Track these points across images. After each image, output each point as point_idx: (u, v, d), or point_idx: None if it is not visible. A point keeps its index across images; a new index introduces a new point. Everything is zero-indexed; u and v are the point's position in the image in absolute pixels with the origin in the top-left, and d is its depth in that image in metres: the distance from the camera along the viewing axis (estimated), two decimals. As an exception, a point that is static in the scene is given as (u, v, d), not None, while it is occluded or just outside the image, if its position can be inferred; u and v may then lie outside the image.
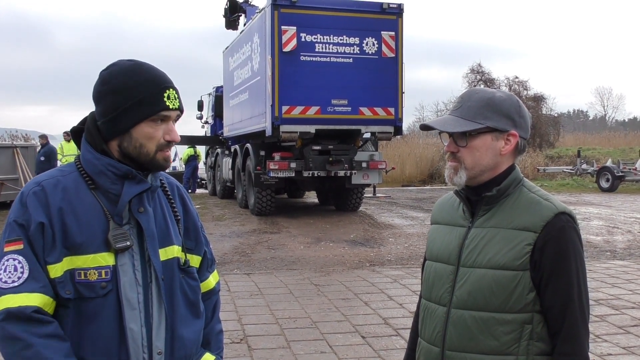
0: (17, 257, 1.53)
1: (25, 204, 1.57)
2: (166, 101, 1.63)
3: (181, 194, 1.86)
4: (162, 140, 1.65)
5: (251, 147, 12.71)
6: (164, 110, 1.63)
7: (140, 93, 1.61)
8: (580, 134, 42.55)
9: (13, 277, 1.51)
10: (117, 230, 1.60)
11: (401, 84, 11.86)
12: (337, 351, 4.96)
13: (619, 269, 8.14)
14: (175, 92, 1.67)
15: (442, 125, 1.72)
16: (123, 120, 1.61)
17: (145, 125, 1.62)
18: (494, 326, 1.64)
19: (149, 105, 1.61)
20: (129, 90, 1.61)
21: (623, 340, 5.19)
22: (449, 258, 1.76)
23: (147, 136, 1.63)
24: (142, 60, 1.69)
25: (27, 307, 1.49)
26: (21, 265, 1.52)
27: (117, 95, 1.61)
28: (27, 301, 1.50)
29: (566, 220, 1.66)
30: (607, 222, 12.33)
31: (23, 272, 1.52)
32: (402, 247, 9.75)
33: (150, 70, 1.66)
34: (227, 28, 16.97)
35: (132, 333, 1.59)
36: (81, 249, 1.57)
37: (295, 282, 7.44)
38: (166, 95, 1.63)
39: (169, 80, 1.67)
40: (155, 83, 1.63)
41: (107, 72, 1.66)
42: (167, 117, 1.65)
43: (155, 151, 1.64)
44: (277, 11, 11.10)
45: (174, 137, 1.66)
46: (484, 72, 32.58)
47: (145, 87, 1.61)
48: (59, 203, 1.58)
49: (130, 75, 1.63)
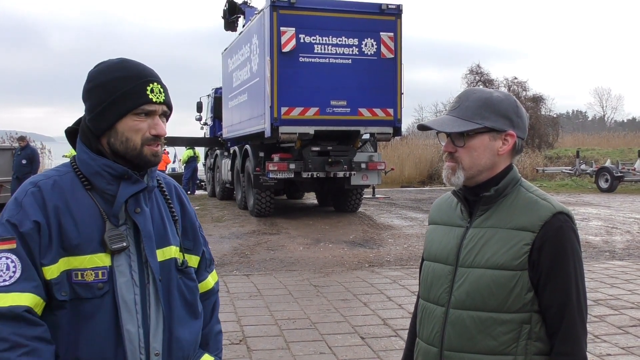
0: (9, 256, 1.51)
1: (21, 204, 1.56)
2: (149, 94, 1.62)
3: (179, 194, 1.85)
4: (147, 134, 1.63)
5: (250, 149, 12.72)
6: (147, 104, 1.62)
7: (123, 87, 1.60)
8: (579, 134, 42.58)
9: (5, 276, 1.50)
10: (113, 231, 1.60)
11: (400, 85, 11.87)
12: (337, 352, 4.96)
13: (618, 269, 8.14)
14: (161, 87, 1.66)
15: (440, 126, 1.72)
16: (107, 115, 1.61)
17: (129, 119, 1.61)
18: (492, 326, 1.64)
19: (132, 98, 1.60)
20: (112, 85, 1.61)
21: (622, 341, 5.19)
22: (447, 258, 1.75)
23: (132, 129, 1.62)
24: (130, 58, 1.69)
25: (17, 307, 1.48)
26: (14, 265, 1.51)
27: (101, 90, 1.62)
28: (18, 301, 1.48)
29: (564, 220, 1.66)
30: (606, 222, 12.34)
31: (15, 271, 1.50)
32: (401, 247, 9.75)
33: (134, 66, 1.66)
34: (226, 29, 16.98)
35: (129, 334, 1.58)
36: (78, 250, 1.56)
37: (295, 283, 7.44)
38: (149, 88, 1.62)
39: (154, 75, 1.67)
40: (138, 77, 1.62)
41: (92, 71, 1.67)
42: (151, 111, 1.63)
43: (142, 144, 1.63)
44: (276, 12, 11.11)
45: (159, 131, 1.64)
46: (483, 72, 32.65)
47: (128, 80, 1.61)
48: (55, 203, 1.57)
49: (114, 70, 1.63)
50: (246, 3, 15.77)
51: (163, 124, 1.67)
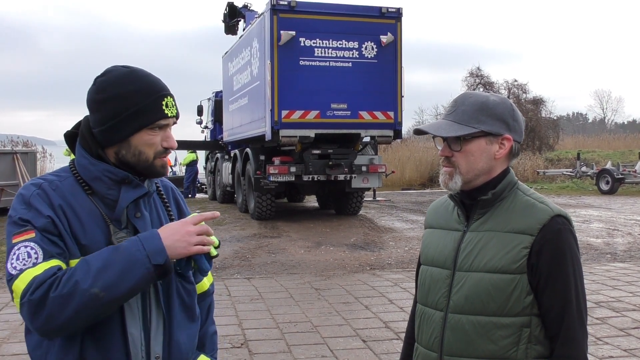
0: (29, 244, 1.50)
1: (29, 203, 1.56)
2: (164, 109, 1.64)
3: (176, 197, 1.87)
4: (160, 147, 1.66)
5: (251, 152, 12.72)
6: (163, 119, 1.64)
7: (139, 102, 1.61)
8: (580, 136, 42.54)
9: (28, 263, 1.49)
10: (119, 234, 1.61)
11: (400, 88, 11.88)
12: (338, 355, 4.96)
13: (620, 271, 8.13)
14: (172, 99, 1.68)
15: (436, 130, 1.71)
16: (122, 129, 1.61)
17: (144, 134, 1.63)
18: (492, 330, 1.64)
19: (148, 114, 1.62)
20: (126, 99, 1.60)
21: (624, 343, 5.19)
22: (445, 262, 1.75)
23: (146, 144, 1.63)
24: (137, 66, 1.69)
25: (51, 268, 1.48)
26: (34, 251, 1.50)
27: (114, 103, 1.60)
28: (49, 265, 1.49)
29: (562, 223, 1.66)
30: (607, 224, 12.33)
31: (37, 257, 1.50)
32: (402, 250, 9.75)
33: (145, 78, 1.65)
34: (226, 33, 17.02)
35: (132, 337, 1.60)
36: (85, 251, 1.57)
37: (296, 286, 7.43)
38: (164, 103, 1.64)
39: (165, 88, 1.68)
40: (153, 91, 1.63)
41: (102, 80, 1.64)
42: (165, 125, 1.66)
43: (154, 158, 1.65)
44: (276, 16, 11.13)
45: (171, 144, 1.68)
46: (483, 75, 32.62)
47: (143, 95, 1.61)
48: (60, 202, 1.58)
49: (126, 83, 1.62)
50: (246, 7, 15.81)
51: (173, 136, 1.69)
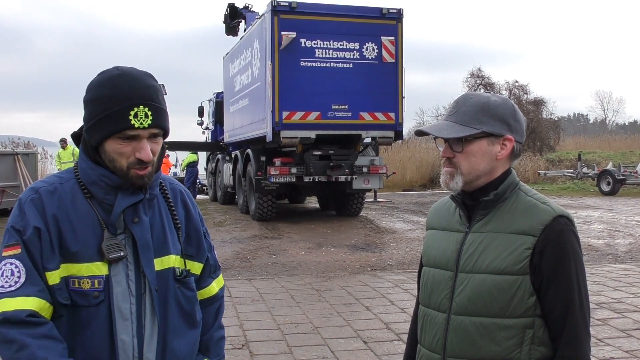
0: (14, 262, 1.54)
1: (23, 210, 1.58)
2: (132, 119, 1.55)
3: (184, 199, 1.82)
4: (133, 157, 1.58)
5: (252, 153, 12.73)
6: (129, 129, 1.55)
7: (108, 108, 1.56)
8: (581, 137, 42.46)
9: (10, 281, 1.52)
10: (111, 241, 1.59)
11: (401, 89, 11.89)
12: (339, 356, 4.95)
13: (621, 273, 8.12)
14: (149, 109, 1.57)
15: (438, 131, 1.71)
16: (94, 134, 1.59)
17: (113, 142, 1.58)
18: (495, 332, 1.64)
19: (114, 122, 1.55)
20: (101, 103, 1.57)
21: (625, 344, 5.18)
22: (447, 264, 1.74)
23: (116, 152, 1.59)
24: (132, 70, 1.62)
25: (22, 311, 1.50)
26: (18, 270, 1.53)
27: (92, 105, 1.60)
28: (24, 305, 1.50)
29: (564, 224, 1.65)
30: (608, 225, 12.32)
31: (20, 277, 1.53)
32: (403, 251, 9.75)
33: (125, 84, 1.57)
34: (227, 34, 17.03)
35: (123, 344, 1.58)
36: (76, 257, 1.57)
37: (297, 288, 7.43)
38: (133, 113, 1.55)
39: (144, 96, 1.57)
40: (125, 98, 1.55)
41: (91, 80, 1.64)
42: (133, 136, 1.57)
43: (128, 167, 1.59)
44: (277, 17, 11.14)
45: (143, 156, 1.58)
46: (484, 76, 32.59)
47: (113, 102, 1.56)
48: (54, 210, 1.58)
49: (105, 87, 1.58)
50: (247, 8, 15.82)
51: (149, 148, 1.59)
